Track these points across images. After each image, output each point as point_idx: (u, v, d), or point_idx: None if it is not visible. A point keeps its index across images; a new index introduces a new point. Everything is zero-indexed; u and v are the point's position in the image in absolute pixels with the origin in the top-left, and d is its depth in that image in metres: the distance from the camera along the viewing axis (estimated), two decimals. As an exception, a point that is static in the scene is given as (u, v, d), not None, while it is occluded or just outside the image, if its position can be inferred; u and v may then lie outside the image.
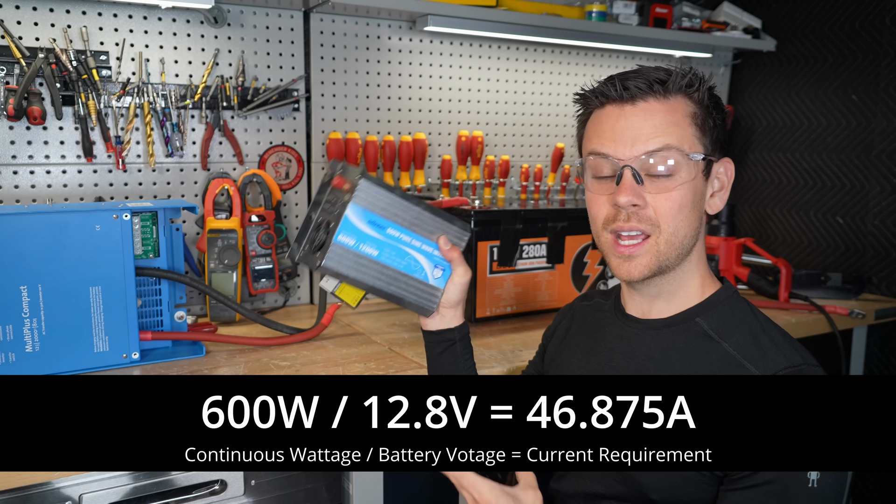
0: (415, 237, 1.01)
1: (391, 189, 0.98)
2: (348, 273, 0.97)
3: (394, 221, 0.99)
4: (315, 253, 0.96)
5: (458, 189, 2.07)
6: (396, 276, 1.01)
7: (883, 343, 2.09)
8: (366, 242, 0.97)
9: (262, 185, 1.70)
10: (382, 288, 1.00)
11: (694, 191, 0.90)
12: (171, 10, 1.62)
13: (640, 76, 0.90)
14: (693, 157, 0.89)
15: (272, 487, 1.20)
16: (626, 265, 0.92)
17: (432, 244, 1.03)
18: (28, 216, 1.20)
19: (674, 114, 0.89)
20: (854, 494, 2.15)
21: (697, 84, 0.91)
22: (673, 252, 0.91)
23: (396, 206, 0.99)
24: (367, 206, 0.96)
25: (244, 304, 1.74)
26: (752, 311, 0.94)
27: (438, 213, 1.03)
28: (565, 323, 1.15)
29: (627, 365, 0.97)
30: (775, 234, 2.38)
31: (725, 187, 0.95)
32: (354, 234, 0.96)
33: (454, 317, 1.09)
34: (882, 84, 2.05)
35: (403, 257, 1.01)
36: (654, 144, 0.88)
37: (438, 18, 1.79)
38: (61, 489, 1.05)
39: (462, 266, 1.04)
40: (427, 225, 1.02)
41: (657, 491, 0.88)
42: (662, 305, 0.97)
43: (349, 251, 0.96)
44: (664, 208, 0.89)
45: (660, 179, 0.89)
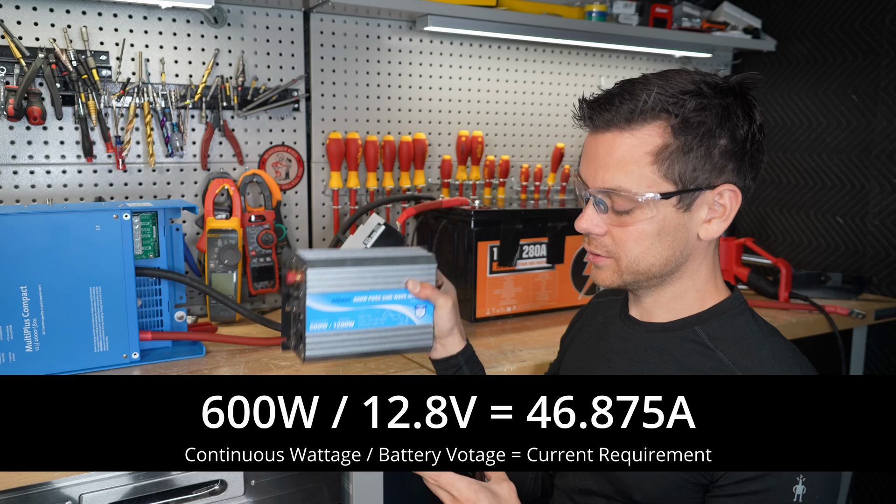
0: (383, 293, 0.99)
1: (341, 262, 0.96)
2: (335, 353, 0.96)
3: (356, 290, 0.97)
4: (298, 346, 0.96)
5: (458, 189, 2.07)
6: (381, 334, 1.00)
7: (883, 343, 2.09)
8: (338, 319, 0.96)
9: (262, 185, 1.70)
10: (374, 350, 0.99)
11: (662, 224, 0.87)
12: (171, 10, 1.62)
13: (610, 103, 0.86)
14: (647, 198, 0.85)
15: (272, 487, 1.20)
16: (595, 273, 0.96)
17: (403, 290, 1.01)
18: (28, 216, 1.20)
19: (637, 148, 0.85)
20: (854, 494, 2.15)
21: (671, 109, 0.83)
22: (639, 276, 0.91)
23: (352, 276, 0.97)
24: (323, 289, 0.95)
25: (244, 304, 1.74)
26: (756, 324, 0.92)
27: (396, 259, 1.01)
28: (581, 321, 1.16)
29: (624, 366, 0.97)
30: (775, 234, 2.38)
31: (726, 216, 0.88)
32: (324, 318, 0.95)
33: (454, 343, 1.07)
34: (882, 84, 2.05)
35: (380, 315, 0.99)
36: (608, 183, 0.87)
37: (438, 18, 1.79)
38: (61, 489, 1.05)
39: (441, 297, 1.01)
40: (390, 277, 1.00)
41: (641, 493, 0.88)
42: (660, 312, 0.96)
43: (326, 334, 0.95)
44: (620, 240, 0.90)
45: (619, 214, 0.88)
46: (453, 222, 1.72)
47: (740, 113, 0.86)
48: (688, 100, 0.83)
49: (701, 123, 0.84)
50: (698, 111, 0.84)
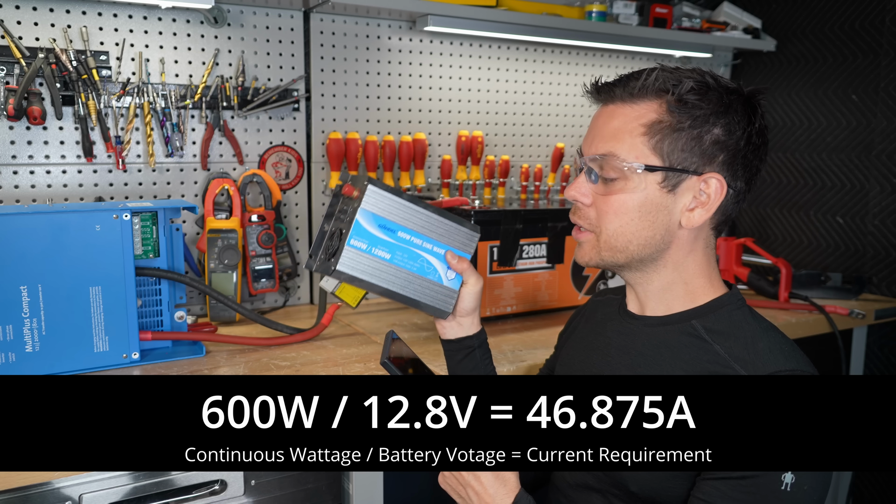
0: (426, 240, 1.02)
1: (400, 193, 0.99)
2: (363, 277, 0.97)
3: (404, 225, 1.00)
4: (330, 260, 0.97)
5: (458, 189, 2.07)
6: (410, 278, 1.02)
7: (883, 343, 2.09)
8: (378, 246, 0.98)
9: (262, 185, 1.70)
10: (398, 291, 1.01)
11: (644, 200, 0.88)
12: (171, 10, 1.62)
13: (621, 78, 0.92)
14: (630, 166, 0.87)
15: (272, 487, 1.20)
16: (577, 251, 0.97)
17: (444, 246, 1.04)
18: (28, 216, 1.20)
19: (633, 120, 0.88)
20: (854, 494, 2.15)
21: (671, 88, 0.86)
22: (616, 254, 0.92)
23: (405, 209, 1.00)
24: (376, 210, 0.97)
25: (244, 304, 1.74)
26: (753, 318, 0.93)
27: (447, 215, 1.04)
28: (579, 319, 1.16)
29: (621, 360, 0.97)
30: (775, 234, 2.39)
31: (709, 204, 0.88)
32: (366, 237, 0.97)
33: (472, 324, 1.11)
34: (882, 84, 2.05)
35: (416, 260, 1.02)
36: (600, 149, 0.90)
37: (438, 18, 1.79)
38: (61, 489, 1.05)
39: (474, 275, 1.07)
40: (437, 228, 1.03)
41: (636, 483, 0.89)
42: (653, 304, 0.97)
43: (362, 255, 0.97)
44: (602, 211, 0.91)
45: (606, 183, 0.90)
46: (453, 222, 1.72)
47: (740, 110, 0.87)
48: (689, 83, 0.86)
49: (696, 106, 0.86)
50: (697, 95, 0.86)
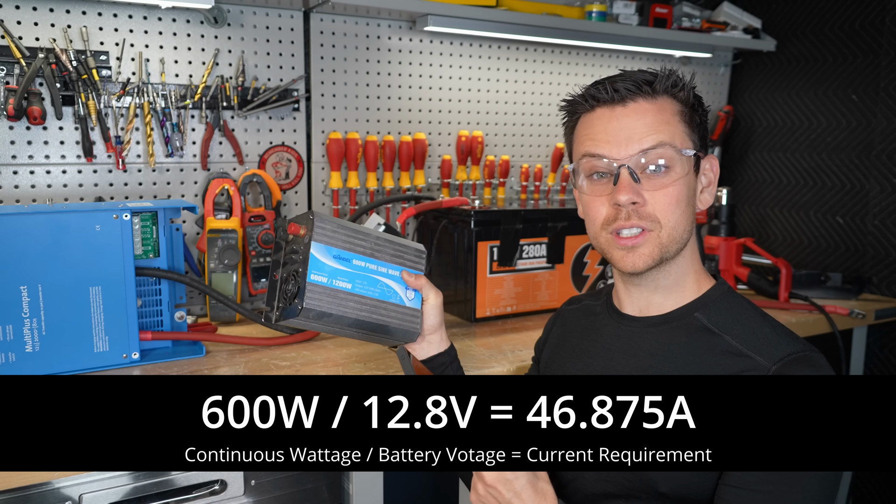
0: (380, 264, 1.01)
1: (345, 224, 0.98)
2: (331, 310, 0.95)
3: (357, 252, 0.99)
4: (293, 302, 0.95)
5: (458, 189, 2.07)
6: (376, 304, 1.00)
7: (883, 343, 2.09)
8: (337, 277, 0.96)
9: (262, 185, 1.70)
10: (366, 318, 0.99)
11: (688, 186, 0.93)
12: (171, 10, 1.62)
13: (627, 79, 0.92)
14: (685, 153, 0.92)
15: (272, 487, 1.20)
16: (630, 256, 0.92)
17: (397, 268, 1.03)
18: (28, 216, 1.20)
19: (663, 112, 0.92)
20: (854, 494, 2.15)
21: (681, 84, 0.93)
22: (674, 245, 0.93)
23: (355, 235, 0.99)
24: (328, 241, 0.96)
25: (244, 304, 1.74)
26: (749, 305, 0.96)
27: (393, 237, 1.04)
28: (557, 330, 1.15)
29: (629, 363, 0.97)
30: (775, 234, 2.38)
31: (713, 183, 0.98)
32: (324, 270, 0.95)
33: (441, 340, 1.09)
34: (882, 84, 2.05)
35: (375, 285, 1.00)
36: (648, 142, 0.90)
37: (438, 18, 1.79)
38: (61, 489, 1.05)
39: (433, 290, 1.05)
40: (387, 249, 1.02)
41: (666, 483, 0.88)
42: (660, 301, 0.97)
43: (324, 288, 0.95)
44: (662, 204, 0.91)
45: (656, 176, 0.91)
46: (453, 222, 1.73)
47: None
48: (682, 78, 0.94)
49: (695, 97, 0.95)
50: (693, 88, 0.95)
